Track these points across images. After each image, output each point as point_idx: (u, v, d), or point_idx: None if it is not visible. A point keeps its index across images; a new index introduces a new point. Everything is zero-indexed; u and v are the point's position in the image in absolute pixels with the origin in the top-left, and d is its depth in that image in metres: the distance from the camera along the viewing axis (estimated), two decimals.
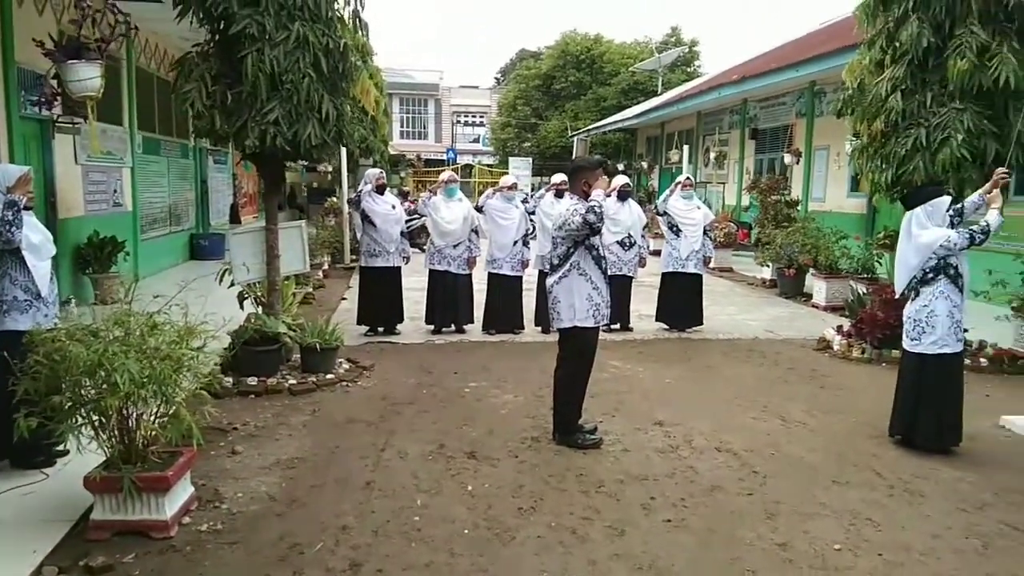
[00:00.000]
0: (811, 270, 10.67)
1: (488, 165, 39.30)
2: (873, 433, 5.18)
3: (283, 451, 4.77)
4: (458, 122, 57.73)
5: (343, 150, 13.46)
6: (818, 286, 10.40)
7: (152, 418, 3.76)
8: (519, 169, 30.03)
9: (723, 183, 19.76)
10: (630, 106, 28.17)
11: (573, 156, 25.63)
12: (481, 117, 55.02)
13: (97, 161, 9.98)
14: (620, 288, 8.31)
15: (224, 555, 3.46)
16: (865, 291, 8.64)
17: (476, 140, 53.57)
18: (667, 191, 8.77)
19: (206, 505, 3.95)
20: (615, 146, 29.86)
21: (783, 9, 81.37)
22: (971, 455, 4.83)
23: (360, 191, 7.93)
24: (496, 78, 57.59)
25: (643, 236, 8.55)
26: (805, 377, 6.81)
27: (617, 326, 8.55)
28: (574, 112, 32.07)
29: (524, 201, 8.59)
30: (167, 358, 3.67)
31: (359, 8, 6.15)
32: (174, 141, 13.86)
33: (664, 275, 8.67)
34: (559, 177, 7.92)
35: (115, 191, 10.93)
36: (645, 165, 25.20)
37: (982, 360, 7.09)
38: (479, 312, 8.39)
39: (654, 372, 6.91)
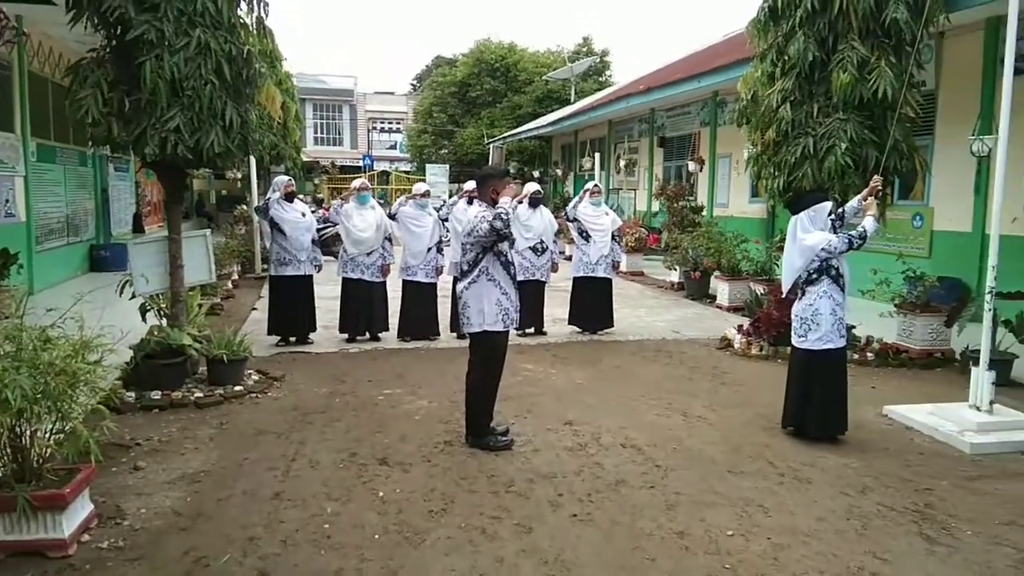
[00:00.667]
0: (715, 273, 11.13)
1: (405, 172, 39.13)
2: (768, 425, 5.49)
3: (188, 465, 4.67)
4: (374, 128, 57.16)
5: (251, 157, 13.20)
6: (721, 288, 10.86)
7: (47, 435, 3.64)
8: (436, 176, 30.01)
9: (634, 190, 20.32)
10: (545, 114, 28.58)
11: (489, 163, 25.80)
12: (398, 123, 54.65)
13: None
14: (533, 293, 8.49)
15: (126, 572, 3.38)
16: (763, 292, 9.09)
17: (393, 147, 53.19)
18: (576, 198, 9.00)
19: (107, 522, 3.84)
20: (531, 153, 30.23)
21: (691, 20, 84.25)
22: (856, 443, 5.18)
23: (268, 199, 7.82)
24: (412, 84, 57.28)
25: (555, 242, 8.74)
26: (707, 374, 7.12)
27: (531, 330, 8.72)
28: (490, 119, 32.29)
29: (437, 209, 8.65)
30: (62, 373, 3.57)
31: (263, 15, 6.09)
32: (72, 148, 13.27)
33: (575, 279, 8.89)
34: (471, 184, 8.03)
35: (7, 201, 10.39)
36: (560, 172, 25.63)
37: (868, 354, 7.58)
38: (394, 320, 8.39)
39: (566, 374, 7.08)
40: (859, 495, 4.30)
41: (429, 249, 8.20)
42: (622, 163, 19.13)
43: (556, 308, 9.34)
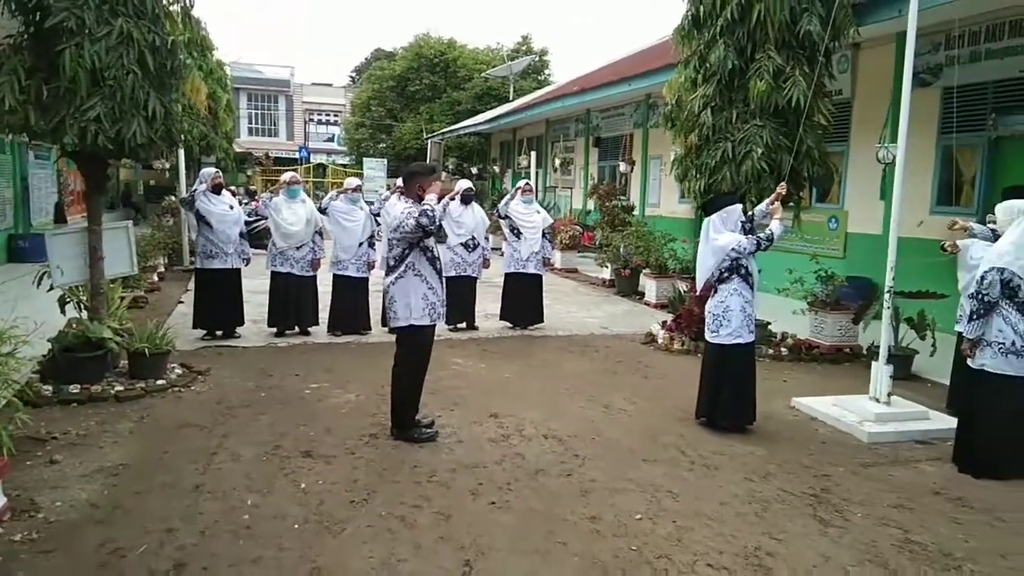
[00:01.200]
0: (644, 271, 11.44)
1: (343, 165, 38.62)
2: (683, 416, 5.73)
3: (107, 458, 4.63)
4: (311, 120, 56.23)
5: (179, 148, 12.92)
6: (649, 285, 11.18)
7: None
8: (374, 170, 29.80)
9: (570, 188, 20.61)
10: (484, 111, 28.66)
11: (427, 159, 25.75)
12: (336, 116, 53.93)
13: None
14: (465, 288, 8.61)
15: (39, 563, 3.36)
16: (686, 289, 9.41)
17: (331, 139, 52.47)
18: (508, 196, 9.15)
19: (21, 515, 3.80)
20: (470, 150, 30.26)
21: (632, 21, 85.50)
22: (763, 433, 5.47)
23: (194, 191, 7.72)
24: (351, 76, 56.49)
25: (486, 238, 8.87)
26: (631, 368, 7.36)
27: (463, 325, 8.83)
28: (429, 114, 32.19)
29: (370, 203, 8.68)
30: None
31: (188, 4, 6.02)
32: None
33: (507, 275, 9.03)
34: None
35: None
36: (497, 169, 25.77)
37: (783, 349, 7.95)
38: (325, 314, 8.39)
39: (495, 368, 7.22)
40: (761, 481, 4.56)
41: (360, 244, 8.21)
42: (557, 162, 19.40)
43: (489, 304, 9.47)
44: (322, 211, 8.18)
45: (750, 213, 5.54)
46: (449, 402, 6.00)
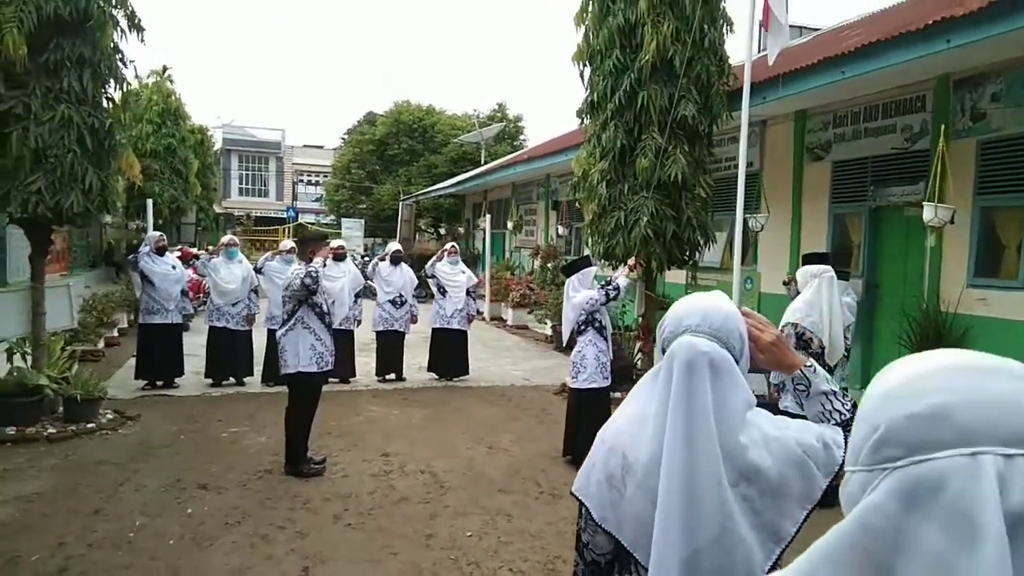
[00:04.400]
0: None
1: (326, 224, 39.73)
2: (555, 455, 6.41)
3: (25, 488, 5.28)
4: (300, 181, 57.60)
5: (149, 209, 13.77)
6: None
7: None
8: (351, 230, 30.79)
9: (532, 248, 21.55)
10: (459, 173, 29.86)
11: (399, 219, 26.75)
12: (324, 176, 55.25)
13: None
14: (393, 342, 9.36)
15: None
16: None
17: (319, 199, 53.71)
18: (435, 257, 9.97)
19: None
20: (445, 210, 31.36)
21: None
22: None
23: (139, 252, 8.50)
24: (343, 139, 58.21)
25: (413, 296, 9.64)
26: (532, 415, 8.05)
27: (392, 376, 9.53)
28: (407, 177, 33.38)
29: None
30: None
31: (125, 90, 6.89)
32: None
33: (433, 330, 9.77)
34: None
35: None
36: (461, 229, 26.74)
37: None
38: (259, 367, 9.07)
39: (406, 414, 7.89)
40: None
41: None
42: (510, 224, 20.43)
43: (421, 356, 10.15)
44: (258, 271, 8.95)
45: (612, 281, 6.33)
46: (350, 443, 6.66)
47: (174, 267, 8.64)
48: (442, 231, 27.49)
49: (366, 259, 13.26)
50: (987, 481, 0.68)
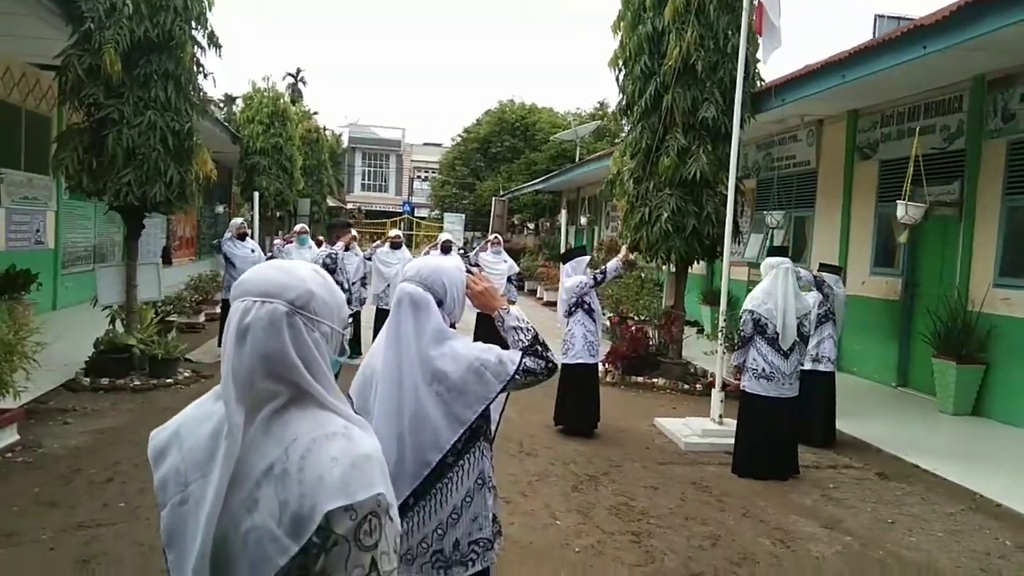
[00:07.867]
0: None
1: (434, 218, 41.69)
2: (550, 424, 7.05)
3: (102, 424, 6.51)
4: (417, 177, 60.16)
5: (255, 201, 15.40)
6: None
7: None
8: (453, 224, 32.35)
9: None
10: (557, 170, 30.67)
11: (491, 214, 27.91)
12: (435, 173, 57.56)
13: (20, 205, 11.76)
14: None
15: (25, 471, 5.20)
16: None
17: (431, 195, 56.09)
18: (478, 247, 10.80)
19: (27, 449, 5.69)
20: (543, 206, 32.26)
21: None
22: (605, 438, 6.72)
23: (223, 238, 9.81)
24: (462, 136, 60.51)
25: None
26: (546, 388, 8.67)
27: None
28: (508, 174, 34.52)
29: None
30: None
31: (201, 99, 8.11)
32: None
33: (477, 315, 10.59)
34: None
35: (37, 230, 12.66)
36: (548, 224, 27.57)
37: (698, 386, 9.03)
38: None
39: None
40: (562, 465, 5.86)
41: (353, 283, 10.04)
42: (583, 220, 21.03)
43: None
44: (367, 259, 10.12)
45: (602, 267, 6.91)
46: None
47: (252, 250, 9.89)
48: (530, 226, 28.34)
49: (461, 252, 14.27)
50: None
